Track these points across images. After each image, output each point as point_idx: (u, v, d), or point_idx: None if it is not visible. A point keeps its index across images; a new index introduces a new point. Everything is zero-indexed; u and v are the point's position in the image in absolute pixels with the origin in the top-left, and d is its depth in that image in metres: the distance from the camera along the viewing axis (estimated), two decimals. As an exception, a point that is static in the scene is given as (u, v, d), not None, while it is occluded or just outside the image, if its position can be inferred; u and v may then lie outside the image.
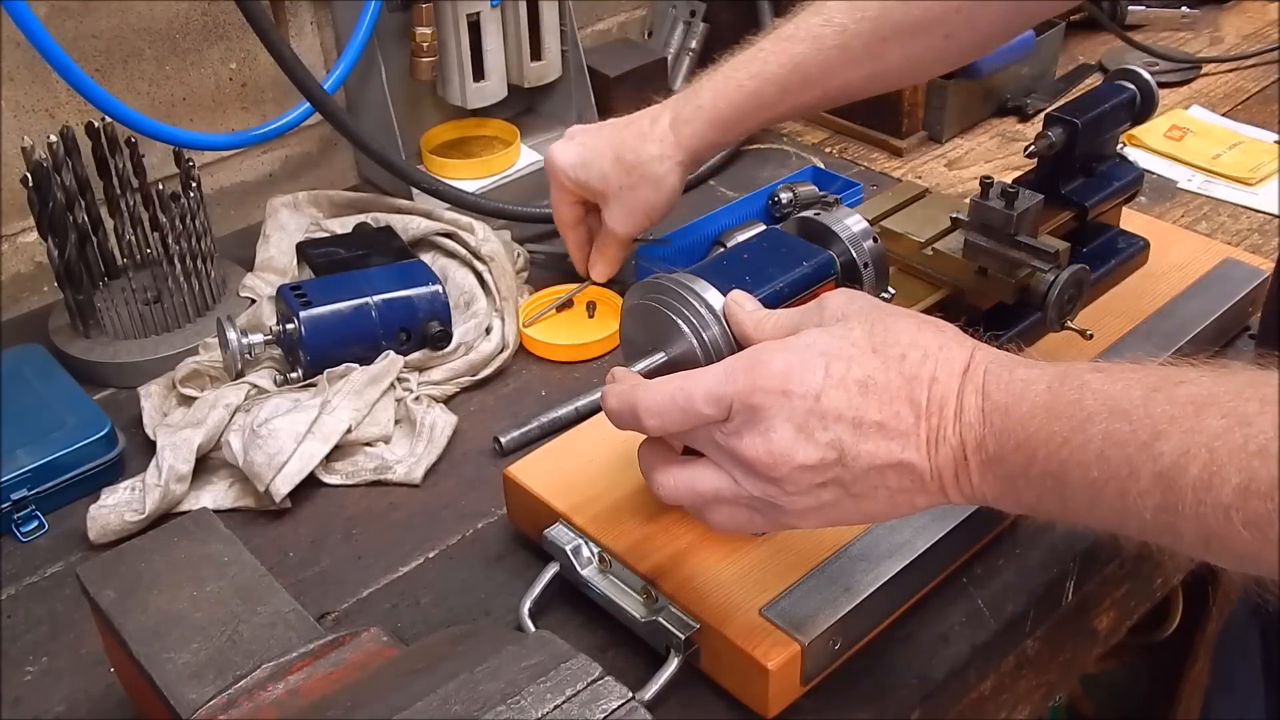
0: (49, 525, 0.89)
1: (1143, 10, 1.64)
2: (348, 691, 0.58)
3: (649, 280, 0.72)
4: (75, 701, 0.76)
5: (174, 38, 1.16)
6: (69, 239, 0.98)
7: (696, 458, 0.63)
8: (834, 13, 0.91)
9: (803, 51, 0.91)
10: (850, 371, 0.58)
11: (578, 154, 1.00)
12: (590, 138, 1.00)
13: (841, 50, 0.90)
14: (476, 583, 0.83)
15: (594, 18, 1.51)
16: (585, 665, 0.56)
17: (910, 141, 1.39)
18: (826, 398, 0.58)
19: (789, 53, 0.92)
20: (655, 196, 0.99)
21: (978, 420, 0.57)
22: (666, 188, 0.99)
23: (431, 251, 1.12)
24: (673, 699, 0.72)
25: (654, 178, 0.97)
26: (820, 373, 0.58)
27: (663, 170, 0.97)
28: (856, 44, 0.90)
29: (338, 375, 0.96)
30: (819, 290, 0.76)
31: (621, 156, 0.98)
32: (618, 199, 0.99)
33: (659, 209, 1.00)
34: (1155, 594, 1.00)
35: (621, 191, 0.99)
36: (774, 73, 0.92)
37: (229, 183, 1.26)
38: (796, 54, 0.92)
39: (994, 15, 0.90)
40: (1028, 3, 0.91)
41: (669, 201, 1.00)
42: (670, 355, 0.71)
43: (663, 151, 0.97)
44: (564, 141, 1.01)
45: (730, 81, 0.95)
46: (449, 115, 1.36)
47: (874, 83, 0.95)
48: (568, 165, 1.00)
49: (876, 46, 0.90)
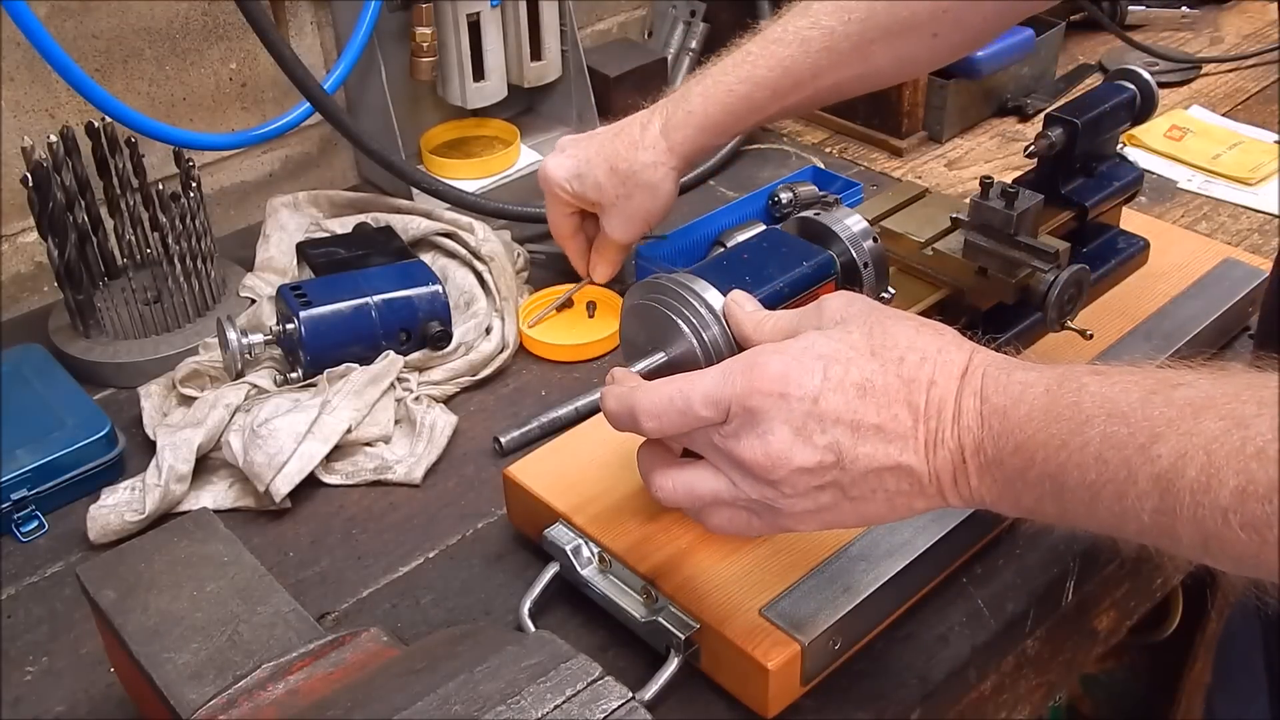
0: (49, 525, 0.89)
1: (1143, 10, 1.64)
2: (348, 691, 0.58)
3: (649, 280, 0.72)
4: (75, 701, 0.76)
5: (174, 38, 1.16)
6: (69, 239, 0.98)
7: (695, 460, 0.63)
8: (820, 15, 0.91)
9: (791, 55, 0.91)
10: (848, 374, 0.58)
11: (571, 166, 1.00)
12: (582, 149, 1.01)
13: (829, 53, 0.91)
14: (476, 583, 0.83)
15: (594, 18, 1.51)
16: (585, 665, 0.56)
17: (910, 141, 1.39)
18: (824, 400, 0.58)
19: (777, 56, 0.92)
20: (652, 203, 1.00)
21: (976, 423, 0.57)
22: (662, 194, 0.99)
23: (431, 251, 1.12)
24: (673, 699, 0.72)
25: (649, 185, 0.98)
26: (818, 375, 0.58)
27: (657, 177, 0.98)
28: (844, 46, 0.90)
29: (338, 375, 0.96)
30: (819, 290, 0.76)
31: (615, 166, 0.98)
32: (615, 208, 1.00)
33: (656, 214, 1.01)
34: (1155, 594, 1.00)
35: (618, 200, 0.99)
36: (763, 76, 0.93)
37: (229, 183, 1.26)
38: (784, 57, 0.92)
39: (982, 13, 0.90)
40: (1015, 1, 0.91)
41: (665, 207, 1.01)
42: (670, 355, 0.71)
43: (656, 159, 0.97)
44: (556, 154, 1.02)
45: (720, 86, 0.95)
46: (449, 115, 1.36)
47: (864, 82, 0.96)
48: (562, 178, 1.01)
49: (864, 48, 0.90)
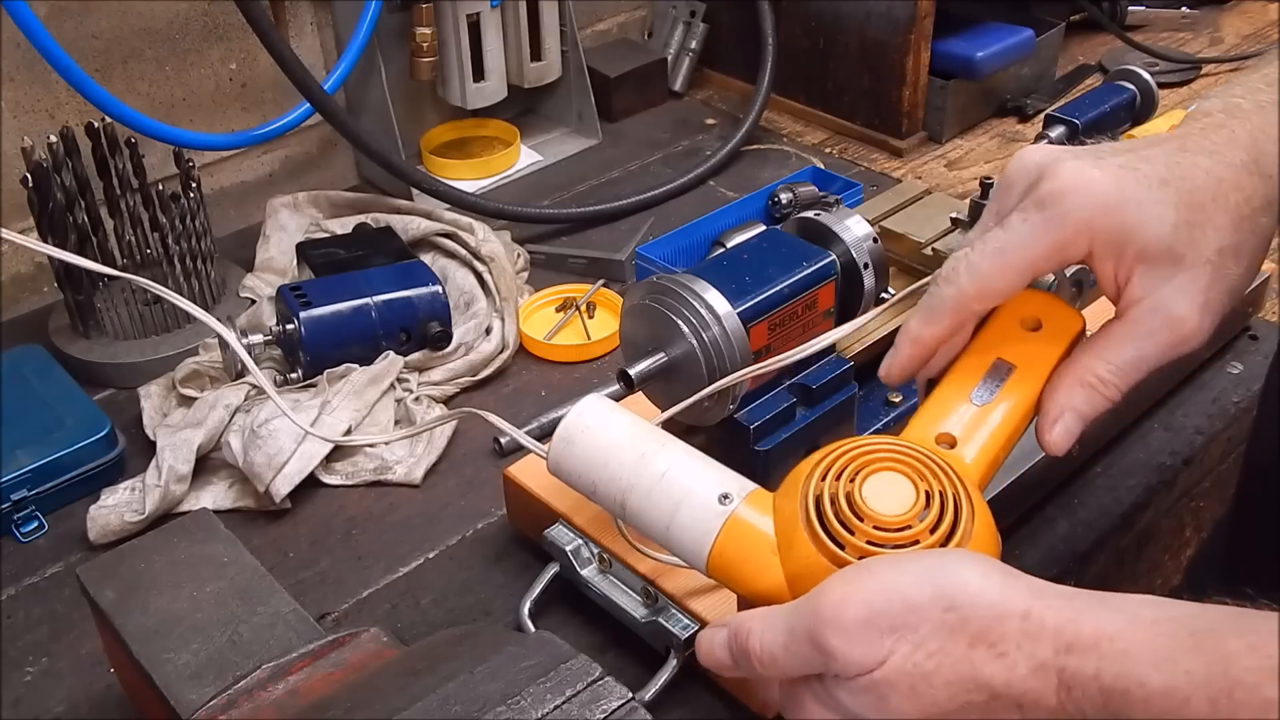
0: (49, 525, 0.89)
1: (1143, 10, 1.64)
2: (347, 692, 0.58)
3: (649, 280, 0.72)
4: (75, 701, 0.76)
5: (174, 38, 1.16)
6: (69, 239, 0.98)
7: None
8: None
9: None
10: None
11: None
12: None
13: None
14: (476, 583, 0.83)
15: (594, 18, 1.52)
16: (585, 665, 0.56)
17: (910, 142, 1.39)
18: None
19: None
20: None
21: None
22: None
23: (431, 252, 1.12)
24: (673, 699, 0.72)
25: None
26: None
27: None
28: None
29: (338, 375, 0.96)
30: (819, 291, 0.76)
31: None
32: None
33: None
34: (1155, 594, 1.00)
35: None
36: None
37: (229, 183, 1.26)
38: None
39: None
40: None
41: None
42: (670, 355, 0.71)
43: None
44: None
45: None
46: (449, 115, 1.36)
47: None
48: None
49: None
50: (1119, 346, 0.58)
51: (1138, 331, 0.58)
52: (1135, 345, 0.58)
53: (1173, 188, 0.57)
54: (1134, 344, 0.58)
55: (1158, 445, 0.91)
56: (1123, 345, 0.58)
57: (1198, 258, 0.57)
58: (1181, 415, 0.94)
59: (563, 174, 1.35)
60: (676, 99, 1.51)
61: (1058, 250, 0.58)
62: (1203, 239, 0.57)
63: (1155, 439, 0.92)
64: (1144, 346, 0.58)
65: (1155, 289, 0.57)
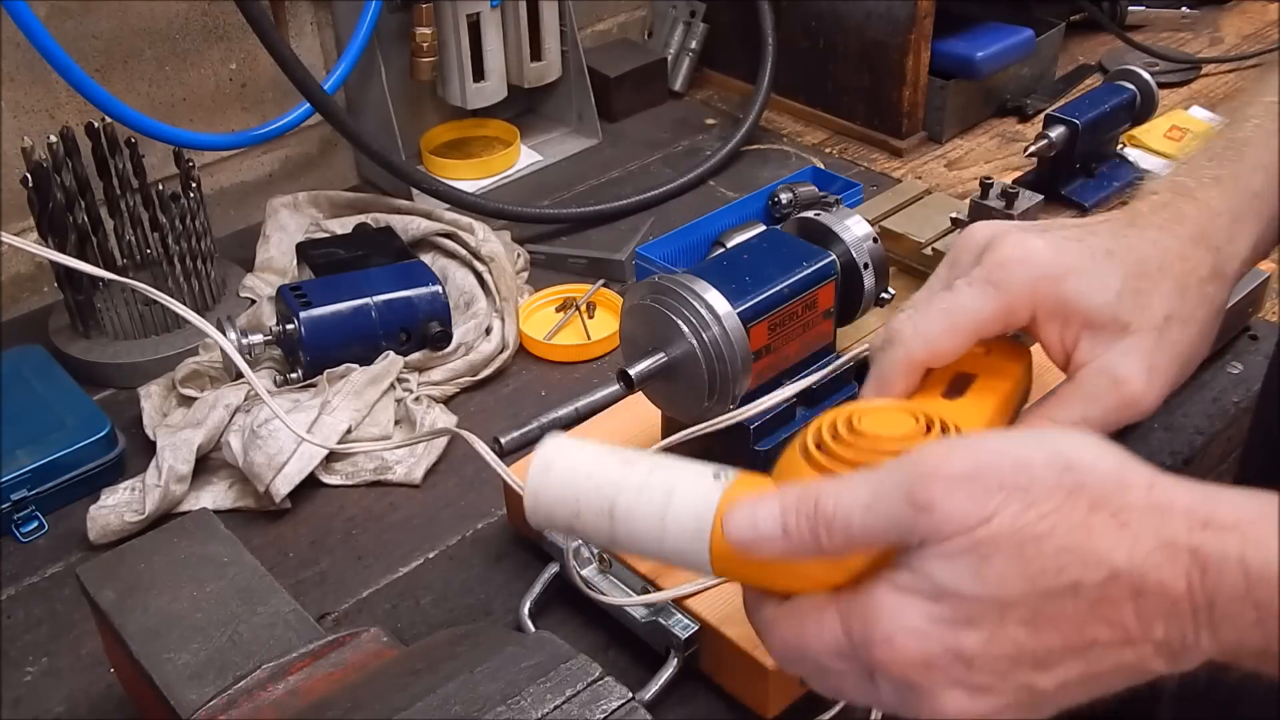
0: (49, 525, 0.89)
1: (1143, 10, 1.64)
2: (347, 692, 0.58)
3: (649, 280, 0.72)
4: (75, 701, 0.76)
5: (174, 38, 1.16)
6: (69, 239, 0.98)
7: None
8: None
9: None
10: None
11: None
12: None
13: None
14: (476, 583, 0.83)
15: (594, 18, 1.52)
16: (585, 665, 0.56)
17: (910, 142, 1.39)
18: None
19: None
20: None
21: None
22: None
23: (431, 252, 1.12)
24: (673, 699, 0.72)
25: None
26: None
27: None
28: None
29: (337, 376, 0.96)
30: (819, 291, 0.76)
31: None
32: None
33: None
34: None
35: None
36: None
37: (229, 183, 1.26)
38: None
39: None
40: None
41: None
42: (670, 355, 0.71)
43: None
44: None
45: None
46: (449, 115, 1.36)
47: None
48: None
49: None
50: (1066, 407, 0.58)
51: (1084, 393, 0.58)
52: (1081, 407, 0.58)
53: (1118, 258, 0.58)
54: (1080, 405, 0.58)
55: (1157, 445, 0.91)
56: (1069, 406, 0.58)
57: (1144, 324, 0.57)
58: (1181, 415, 0.94)
59: (563, 174, 1.35)
60: (676, 99, 1.51)
61: (1002, 314, 0.58)
62: (1149, 306, 0.57)
63: (1155, 439, 0.92)
64: (1090, 408, 0.57)
65: (1101, 353, 0.57)
